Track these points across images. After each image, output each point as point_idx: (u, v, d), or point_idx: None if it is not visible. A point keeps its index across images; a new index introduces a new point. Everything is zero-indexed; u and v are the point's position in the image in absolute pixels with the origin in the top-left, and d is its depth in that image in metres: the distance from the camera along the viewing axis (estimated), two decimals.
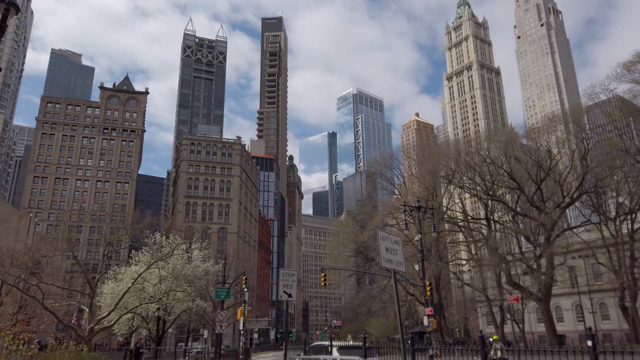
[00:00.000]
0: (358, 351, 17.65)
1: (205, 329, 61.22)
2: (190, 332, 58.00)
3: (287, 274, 18.83)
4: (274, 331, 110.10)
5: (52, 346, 19.71)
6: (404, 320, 72.55)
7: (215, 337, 48.79)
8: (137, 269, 37.28)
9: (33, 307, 38.36)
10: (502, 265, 44.45)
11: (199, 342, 70.34)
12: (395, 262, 10.85)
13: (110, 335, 49.33)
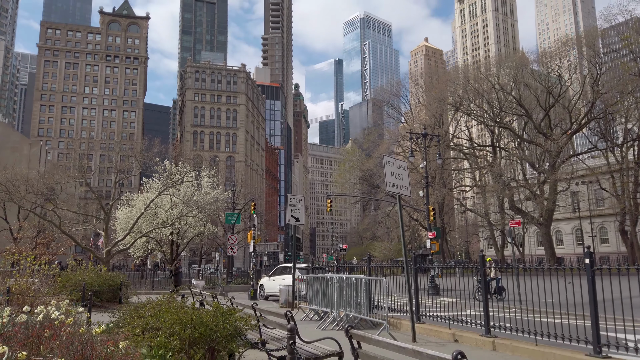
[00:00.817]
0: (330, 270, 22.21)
1: (217, 251, 63.98)
2: (203, 254, 60.59)
3: (294, 199, 19.32)
4: (283, 254, 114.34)
5: (72, 266, 20.88)
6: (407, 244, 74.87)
7: (227, 259, 51.06)
8: (149, 195, 38.37)
9: (51, 232, 39.93)
10: (505, 191, 45.12)
11: (211, 264, 73.67)
12: (400, 187, 11.14)
13: (127, 257, 51.75)
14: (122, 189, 53.98)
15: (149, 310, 7.13)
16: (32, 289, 13.24)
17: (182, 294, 11.30)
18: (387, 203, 61.41)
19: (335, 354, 5.91)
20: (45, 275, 14.52)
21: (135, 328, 6.68)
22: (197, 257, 68.38)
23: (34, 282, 13.79)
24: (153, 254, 50.70)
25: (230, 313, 5.94)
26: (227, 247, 40.31)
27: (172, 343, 5.56)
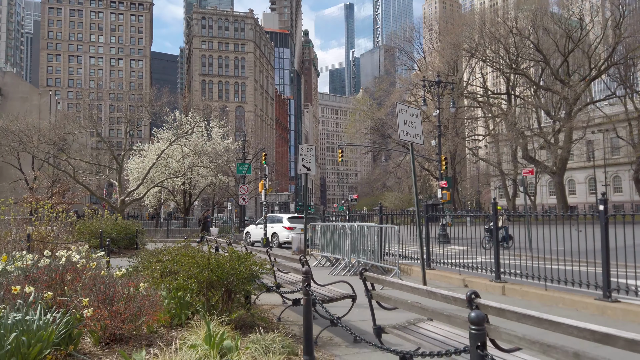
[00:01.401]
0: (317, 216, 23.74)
1: (228, 201, 64.85)
2: (215, 204, 61.50)
3: (305, 148, 19.25)
4: (293, 204, 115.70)
5: (89, 215, 21.34)
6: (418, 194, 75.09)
7: (238, 209, 51.85)
8: (160, 145, 38.59)
9: (66, 182, 40.56)
10: (519, 140, 44.53)
11: (223, 214, 75.03)
12: (413, 135, 10.99)
13: (141, 206, 52.67)
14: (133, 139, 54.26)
15: (166, 255, 7.30)
16: (52, 236, 13.61)
17: (197, 241, 11.54)
18: (398, 153, 61.10)
19: (349, 296, 6.06)
20: (63, 223, 14.86)
21: (154, 272, 6.87)
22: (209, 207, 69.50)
23: (53, 230, 14.15)
24: (166, 203, 51.62)
25: (245, 257, 6.05)
26: (239, 197, 40.83)
27: (190, 285, 5.72)
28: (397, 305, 4.04)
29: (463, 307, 3.08)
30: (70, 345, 4.33)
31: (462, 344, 3.65)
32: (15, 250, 10.15)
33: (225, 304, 5.75)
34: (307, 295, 4.72)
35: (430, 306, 3.57)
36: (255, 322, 6.01)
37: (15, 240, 11.73)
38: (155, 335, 5.07)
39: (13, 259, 6.94)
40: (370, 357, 5.21)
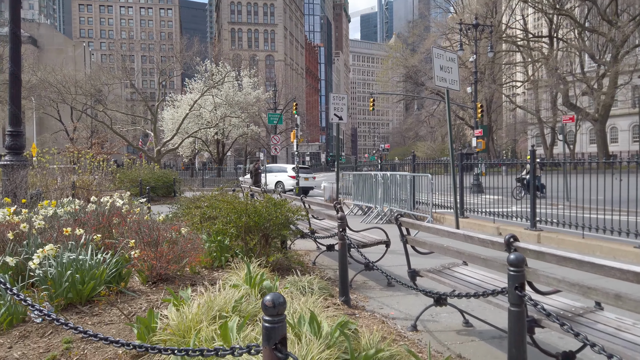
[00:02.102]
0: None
1: (260, 152, 65.26)
2: (247, 154, 62.24)
3: (337, 97, 18.99)
4: (324, 155, 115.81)
5: (128, 164, 22.03)
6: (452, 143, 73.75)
7: (270, 159, 52.36)
8: (192, 96, 38.91)
9: (104, 133, 41.70)
10: (560, 86, 42.59)
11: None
12: (449, 81, 10.66)
13: (176, 157, 53.96)
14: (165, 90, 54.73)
15: (205, 202, 7.53)
16: (94, 184, 14.18)
17: (232, 189, 11.80)
18: (432, 101, 59.57)
19: (382, 242, 6.15)
20: (104, 172, 15.43)
21: (193, 217, 7.13)
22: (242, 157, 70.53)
23: (95, 178, 14.72)
24: (200, 154, 52.61)
25: (281, 204, 6.17)
26: (271, 147, 41.08)
27: (229, 230, 5.92)
28: (432, 250, 4.09)
29: (501, 250, 3.10)
30: (122, 283, 4.61)
31: (498, 287, 3.69)
32: (62, 197, 10.67)
33: (263, 248, 5.94)
34: (343, 239, 4.82)
35: (467, 250, 3.60)
36: (292, 266, 6.21)
37: (61, 187, 12.28)
38: (198, 276, 5.32)
39: (62, 205, 7.31)
40: (404, 299, 5.34)
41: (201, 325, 3.24)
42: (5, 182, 8.30)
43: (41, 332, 3.74)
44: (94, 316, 4.07)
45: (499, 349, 3.86)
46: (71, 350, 3.40)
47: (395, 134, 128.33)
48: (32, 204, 7.72)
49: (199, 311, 3.37)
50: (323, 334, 2.97)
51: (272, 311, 1.65)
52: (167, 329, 3.36)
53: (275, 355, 1.64)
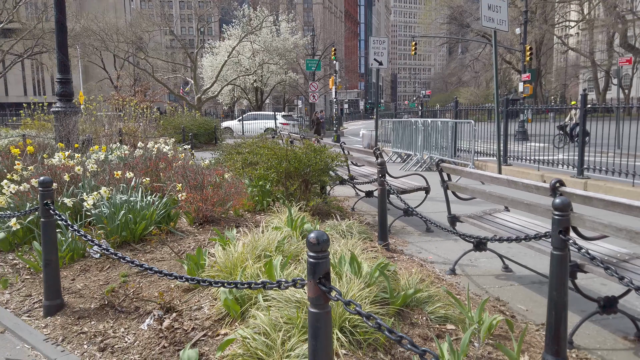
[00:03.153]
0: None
1: (298, 99, 65.09)
2: (286, 102, 62.11)
3: (377, 41, 18.42)
4: (363, 102, 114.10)
5: (170, 112, 22.47)
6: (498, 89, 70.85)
7: (308, 106, 52.04)
8: (231, 42, 38.66)
9: (146, 81, 42.36)
10: (618, 25, 39.57)
11: (293, 112, 75.83)
12: (498, 21, 10.11)
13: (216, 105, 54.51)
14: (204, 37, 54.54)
15: (246, 148, 7.67)
16: (139, 130, 14.61)
17: (272, 136, 11.92)
18: (477, 45, 56.74)
19: (422, 188, 6.14)
20: (148, 119, 15.83)
21: (235, 163, 7.30)
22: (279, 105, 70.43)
23: (140, 125, 15.16)
24: (239, 101, 52.90)
25: (321, 150, 6.21)
26: (309, 94, 40.84)
27: (270, 175, 6.05)
28: (474, 195, 4.06)
29: (546, 195, 3.04)
30: (170, 223, 4.86)
31: (538, 232, 3.66)
32: (110, 143, 11.09)
33: (303, 193, 6.06)
34: (382, 185, 4.84)
35: (510, 195, 3.56)
36: (331, 211, 6.32)
37: (108, 134, 12.73)
38: (241, 219, 5.52)
39: (111, 150, 7.63)
40: (442, 244, 5.39)
41: (246, 263, 3.40)
42: (58, 128, 8.68)
43: (100, 267, 4.04)
44: (147, 253, 4.33)
45: (539, 294, 3.88)
46: (128, 283, 3.66)
47: (436, 79, 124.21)
48: (84, 149, 8.09)
49: (244, 250, 3.53)
50: (363, 274, 3.07)
51: (317, 247, 1.72)
52: (215, 266, 3.54)
53: (319, 288, 1.72)
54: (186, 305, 3.26)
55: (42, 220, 3.24)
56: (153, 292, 3.51)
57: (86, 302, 3.42)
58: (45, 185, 3.22)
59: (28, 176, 5.38)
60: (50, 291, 3.29)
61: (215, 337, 2.89)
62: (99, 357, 2.78)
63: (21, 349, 2.94)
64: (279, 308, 2.73)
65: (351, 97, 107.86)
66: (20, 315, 3.34)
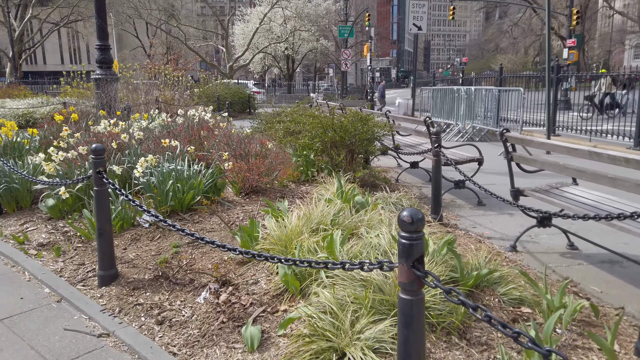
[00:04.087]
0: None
1: (329, 67, 64.11)
2: (317, 71, 61.29)
3: (417, 4, 17.71)
4: (395, 70, 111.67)
5: (205, 80, 22.39)
6: (535, 57, 68.09)
7: (340, 75, 51.20)
8: (262, 9, 38.00)
9: (178, 49, 42.35)
10: None
11: (324, 81, 74.88)
12: None
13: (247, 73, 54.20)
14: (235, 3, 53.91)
15: (287, 117, 7.47)
16: (175, 98, 14.58)
17: (309, 104, 11.67)
18: (516, 9, 54.17)
19: (475, 159, 5.83)
20: (183, 88, 15.78)
21: (277, 132, 7.13)
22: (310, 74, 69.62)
23: (176, 93, 15.12)
24: (270, 70, 52.44)
25: (367, 118, 5.96)
26: (341, 62, 40.11)
27: (314, 145, 5.85)
28: (543, 167, 3.77)
29: (638, 169, 2.75)
30: (222, 193, 4.75)
31: (618, 209, 3.37)
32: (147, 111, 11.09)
33: (349, 163, 5.85)
34: (438, 156, 4.59)
35: (589, 169, 3.26)
36: (376, 182, 6.10)
37: (145, 102, 12.74)
38: (286, 189, 5.38)
39: (152, 118, 7.56)
40: (497, 219, 5.13)
41: (302, 236, 3.26)
42: (100, 95, 8.67)
43: (150, 236, 3.97)
44: (196, 223, 4.25)
45: (611, 274, 3.62)
46: (180, 254, 3.58)
47: (472, 46, 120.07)
48: (124, 117, 8.07)
49: (299, 223, 3.37)
50: (430, 252, 2.87)
51: (410, 227, 1.53)
52: (268, 239, 3.41)
53: (413, 272, 1.53)
54: (242, 279, 3.15)
55: (95, 189, 3.15)
56: (206, 264, 3.42)
57: (140, 273, 3.36)
58: (97, 153, 3.12)
59: (74, 143, 5.35)
60: (104, 261, 3.23)
61: (275, 314, 2.77)
62: (157, 330, 2.71)
63: (78, 319, 2.90)
64: (344, 286, 2.58)
65: (383, 64, 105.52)
66: (75, 284, 3.31)
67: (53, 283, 3.33)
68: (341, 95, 42.64)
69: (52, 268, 3.58)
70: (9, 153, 5.48)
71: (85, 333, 2.73)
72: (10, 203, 4.73)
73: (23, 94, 15.70)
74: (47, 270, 3.53)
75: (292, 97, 37.33)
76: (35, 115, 12.14)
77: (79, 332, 2.75)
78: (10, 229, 4.44)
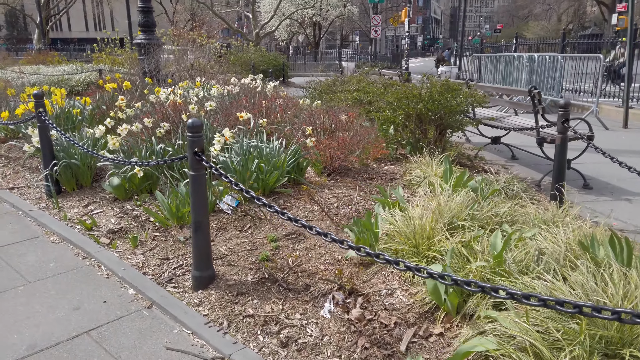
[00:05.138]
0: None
1: (354, 35, 62.42)
2: (343, 38, 59.67)
3: None
4: (421, 38, 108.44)
5: (237, 47, 21.63)
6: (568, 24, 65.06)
7: (368, 42, 49.67)
8: None
9: (202, 15, 41.37)
10: None
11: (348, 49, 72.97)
12: None
13: (272, 40, 52.95)
14: None
15: (353, 85, 6.79)
16: (208, 66, 13.91)
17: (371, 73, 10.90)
18: None
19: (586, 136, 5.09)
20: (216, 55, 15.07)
21: (340, 103, 6.47)
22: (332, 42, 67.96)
23: (209, 61, 14.44)
24: (295, 37, 51.08)
25: (456, 89, 5.24)
26: (371, 29, 38.78)
27: (397, 118, 5.18)
28: None
29: None
30: (305, 175, 4.16)
31: None
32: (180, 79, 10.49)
33: (438, 140, 5.18)
34: (564, 132, 3.89)
35: None
36: (463, 161, 5.43)
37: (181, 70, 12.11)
38: (368, 169, 4.75)
39: (205, 87, 6.95)
40: (616, 205, 4.43)
41: (440, 234, 2.65)
42: (143, 62, 8.08)
43: (238, 225, 3.42)
44: (283, 209, 3.68)
45: None
46: (280, 250, 3.03)
47: (501, 13, 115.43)
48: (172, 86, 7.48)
49: (432, 216, 2.76)
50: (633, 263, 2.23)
51: None
52: (391, 236, 2.82)
53: None
54: (370, 287, 2.58)
55: (191, 173, 2.58)
56: (316, 264, 2.86)
57: (240, 273, 2.82)
58: (194, 130, 2.53)
59: (132, 114, 4.80)
60: (201, 260, 2.69)
61: (428, 339, 2.19)
62: (283, 355, 2.16)
63: (179, 334, 2.38)
64: (536, 310, 1.97)
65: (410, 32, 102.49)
66: (164, 285, 2.79)
67: (138, 282, 2.82)
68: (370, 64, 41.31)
69: (131, 262, 3.07)
70: (62, 124, 4.96)
71: (195, 355, 2.21)
72: (69, 181, 4.23)
73: (57, 61, 15.23)
74: (127, 265, 3.02)
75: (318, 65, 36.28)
76: (71, 82, 11.65)
77: (185, 353, 2.23)
78: (73, 211, 3.95)
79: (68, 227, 3.65)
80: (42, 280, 2.92)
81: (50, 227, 3.66)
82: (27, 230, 3.69)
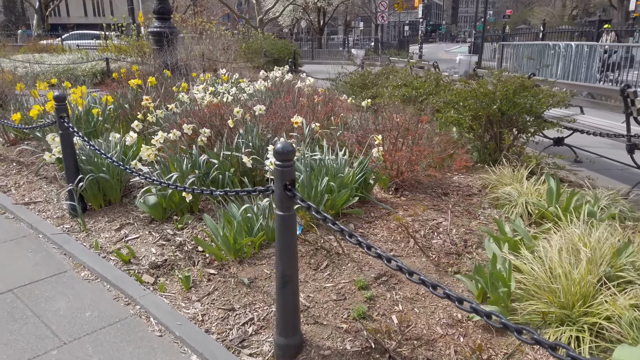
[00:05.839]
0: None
1: (358, 21, 61.39)
2: (347, 24, 58.66)
3: None
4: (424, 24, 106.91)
5: (244, 34, 20.83)
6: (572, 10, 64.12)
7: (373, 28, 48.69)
8: None
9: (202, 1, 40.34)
10: None
11: (351, 35, 71.74)
12: None
13: (275, 26, 51.87)
14: None
15: (384, 79, 6.14)
16: (217, 54, 13.18)
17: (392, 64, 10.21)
18: None
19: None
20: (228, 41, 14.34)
21: (390, 98, 5.82)
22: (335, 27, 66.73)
23: (219, 49, 13.69)
24: (299, 23, 50.00)
25: (527, 86, 4.60)
26: (377, 14, 37.97)
27: (464, 120, 4.55)
28: None
29: None
30: (379, 192, 3.52)
31: None
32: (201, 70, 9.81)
33: (510, 145, 4.55)
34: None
35: None
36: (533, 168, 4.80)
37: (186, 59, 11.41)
38: (435, 180, 4.12)
39: (232, 82, 6.30)
40: None
41: (596, 291, 2.04)
42: (160, 52, 7.40)
43: (312, 264, 2.80)
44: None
45: None
46: (376, 301, 2.41)
47: None
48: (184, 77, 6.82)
49: (585, 267, 2.14)
50: None
51: None
52: (528, 291, 2.21)
53: None
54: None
55: (280, 213, 1.95)
56: (430, 325, 2.24)
57: (333, 338, 2.20)
58: (285, 157, 1.90)
59: (162, 116, 4.15)
60: (286, 323, 2.08)
61: None
62: None
63: None
64: None
65: (411, 17, 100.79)
66: (237, 352, 2.18)
67: (201, 346, 2.21)
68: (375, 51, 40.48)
69: (187, 313, 2.46)
70: (83, 127, 4.31)
71: None
72: (96, 197, 3.60)
73: (61, 49, 14.45)
74: (183, 319, 2.41)
75: (323, 52, 35.48)
76: (77, 72, 10.94)
77: None
78: (104, 236, 3.32)
79: (101, 258, 3.03)
80: (78, 340, 2.31)
81: (80, 258, 3.05)
82: (51, 262, 3.08)
